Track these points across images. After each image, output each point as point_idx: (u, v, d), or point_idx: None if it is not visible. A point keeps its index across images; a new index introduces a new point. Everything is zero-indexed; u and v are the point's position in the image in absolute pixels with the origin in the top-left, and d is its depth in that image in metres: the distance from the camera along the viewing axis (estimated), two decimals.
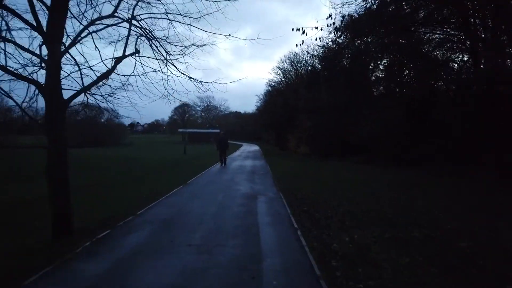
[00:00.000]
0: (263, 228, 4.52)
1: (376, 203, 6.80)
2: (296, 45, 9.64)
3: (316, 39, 9.69)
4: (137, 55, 4.74)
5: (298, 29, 10.58)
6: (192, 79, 4.55)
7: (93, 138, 45.95)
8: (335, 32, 10.84)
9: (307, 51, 25.77)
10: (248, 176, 10.77)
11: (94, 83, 4.23)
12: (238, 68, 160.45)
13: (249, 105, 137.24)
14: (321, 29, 10.00)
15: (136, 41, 4.78)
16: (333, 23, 10.41)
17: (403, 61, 14.96)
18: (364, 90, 19.49)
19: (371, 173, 12.11)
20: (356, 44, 20.71)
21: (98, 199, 6.79)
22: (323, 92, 21.96)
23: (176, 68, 4.51)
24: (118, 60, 4.47)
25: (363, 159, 15.89)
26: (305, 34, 10.46)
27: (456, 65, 14.17)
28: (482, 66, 11.80)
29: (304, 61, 25.98)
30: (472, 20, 12.37)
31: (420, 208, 6.35)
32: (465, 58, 13.67)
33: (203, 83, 4.64)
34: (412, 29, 13.78)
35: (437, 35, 14.18)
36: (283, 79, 29.14)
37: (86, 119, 50.17)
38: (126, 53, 4.57)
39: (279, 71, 28.60)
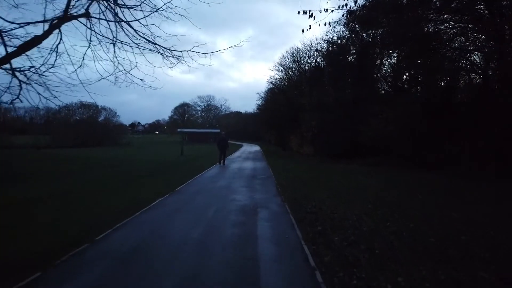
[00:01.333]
0: (265, 269, 3.12)
1: (408, 220, 5.40)
2: (303, 30, 8.21)
3: (325, 24, 8.25)
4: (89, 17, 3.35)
5: (305, 12, 9.20)
6: (157, 47, 3.18)
7: (90, 138, 44.82)
8: (347, 16, 9.42)
9: (310, 46, 24.38)
10: (247, 182, 9.38)
11: (15, 54, 2.84)
12: (239, 69, 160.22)
13: (250, 106, 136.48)
14: (332, 11, 8.62)
15: (89, 4, 3.40)
16: (346, 4, 9.02)
17: (414, 54, 13.54)
18: (374, 86, 18.09)
19: (387, 177, 10.69)
20: (365, 35, 19.40)
21: (57, 214, 5.41)
22: (328, 88, 20.59)
23: (134, 30, 3.13)
24: (56, 24, 3.08)
25: (375, 161, 14.48)
26: (313, 18, 9.09)
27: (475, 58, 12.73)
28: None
29: (307, 57, 24.57)
30: (493, 8, 10.98)
31: (467, 227, 4.94)
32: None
33: (174, 52, 3.25)
34: (423, 19, 12.41)
35: (453, 25, 12.79)
36: (285, 76, 27.74)
37: (83, 118, 49.19)
38: (71, 14, 3.18)
39: (281, 68, 27.19)
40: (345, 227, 4.94)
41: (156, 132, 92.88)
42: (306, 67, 24.89)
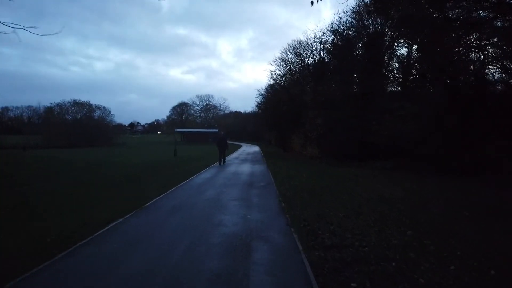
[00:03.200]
0: None
1: (480, 261, 3.55)
2: (312, 2, 6.36)
3: None
4: None
5: None
6: None
7: (83, 138, 43.05)
8: None
9: (314, 38, 22.53)
10: (242, 192, 7.52)
11: None
12: (240, 69, 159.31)
13: (250, 106, 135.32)
14: None
15: None
16: None
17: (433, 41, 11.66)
18: (386, 79, 16.26)
19: (412, 186, 8.83)
20: (373, 26, 17.61)
21: None
22: (335, 83, 18.75)
23: None
24: None
25: (391, 165, 12.62)
26: None
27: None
28: None
29: (311, 50, 22.71)
30: None
31: None
32: None
33: None
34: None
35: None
36: (287, 72, 25.84)
37: (76, 118, 47.34)
38: None
39: (282, 63, 25.28)
40: (392, 277, 3.09)
41: (159, 133, 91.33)
42: (310, 62, 23.05)
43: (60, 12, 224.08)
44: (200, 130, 62.13)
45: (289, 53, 24.37)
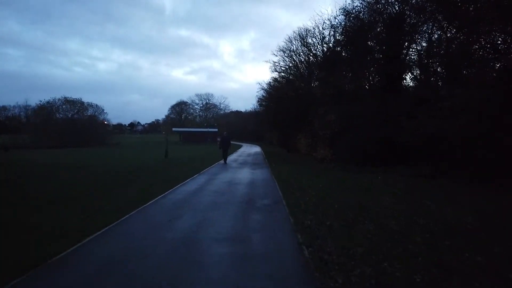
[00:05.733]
0: None
1: None
2: None
3: None
4: None
5: None
6: None
7: (74, 138, 40.55)
8: None
9: (323, 24, 19.87)
10: (236, 222, 4.90)
11: None
12: (241, 70, 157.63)
13: (251, 104, 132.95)
14: None
15: None
16: None
17: None
18: (409, 64, 13.62)
19: (483, 203, 6.20)
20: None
21: None
22: (348, 73, 16.14)
23: None
24: None
25: (428, 171, 9.97)
26: None
27: None
28: None
29: (320, 38, 20.03)
30: None
31: None
32: None
33: None
34: None
35: None
36: (291, 64, 23.17)
37: (67, 116, 44.84)
38: None
39: (287, 53, 22.58)
40: None
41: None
42: (318, 51, 20.38)
43: (65, 14, 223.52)
44: (198, 129, 59.59)
45: (294, 41, 21.71)
